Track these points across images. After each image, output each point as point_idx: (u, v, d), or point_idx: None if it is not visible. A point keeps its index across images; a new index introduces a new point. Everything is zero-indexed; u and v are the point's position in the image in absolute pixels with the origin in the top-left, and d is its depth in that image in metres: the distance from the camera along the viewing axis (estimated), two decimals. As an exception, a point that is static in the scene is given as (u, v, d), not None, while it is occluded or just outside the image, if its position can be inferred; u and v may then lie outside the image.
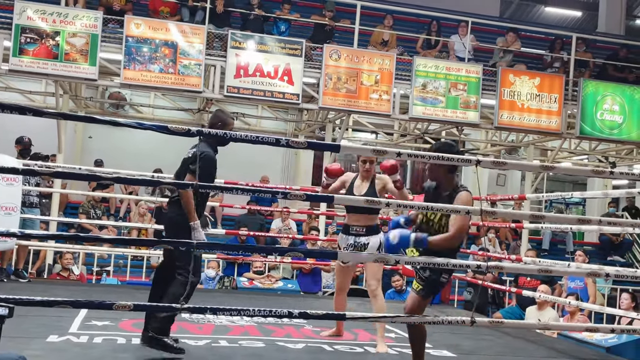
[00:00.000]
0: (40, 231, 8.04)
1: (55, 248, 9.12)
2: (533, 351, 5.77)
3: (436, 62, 10.82)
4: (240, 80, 9.96)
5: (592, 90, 11.20)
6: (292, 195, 3.84)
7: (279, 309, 3.71)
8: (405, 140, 13.43)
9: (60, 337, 4.72)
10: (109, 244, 8.69)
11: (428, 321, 3.99)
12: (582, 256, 9.03)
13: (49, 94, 11.63)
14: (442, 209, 3.82)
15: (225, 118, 4.69)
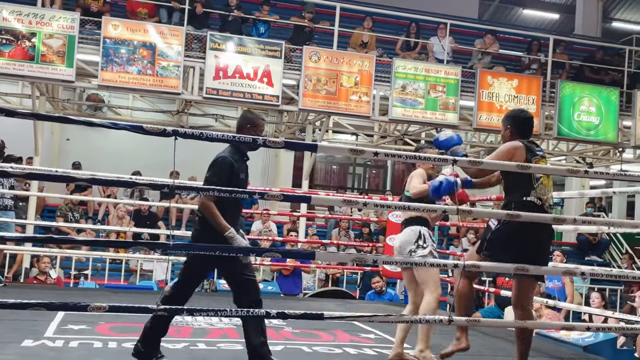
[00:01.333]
0: (16, 234, 7.93)
1: (32, 251, 9.00)
2: (512, 350, 5.79)
3: (415, 64, 10.87)
4: (219, 82, 9.92)
5: (569, 91, 11.32)
6: (270, 195, 3.83)
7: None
8: (385, 141, 13.47)
9: (35, 341, 4.65)
10: (86, 247, 8.61)
11: (406, 320, 3.99)
12: (560, 256, 9.11)
13: (25, 96, 11.50)
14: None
15: (253, 119, 4.33)
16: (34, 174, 5.47)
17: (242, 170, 4.21)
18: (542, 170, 4.18)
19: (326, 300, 8.10)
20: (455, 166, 3.99)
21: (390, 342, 5.48)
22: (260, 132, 4.30)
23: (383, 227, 10.95)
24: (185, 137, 3.57)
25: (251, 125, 4.27)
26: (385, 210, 9.35)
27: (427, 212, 4.51)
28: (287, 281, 9.10)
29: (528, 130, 4.46)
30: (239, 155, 4.20)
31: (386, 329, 5.92)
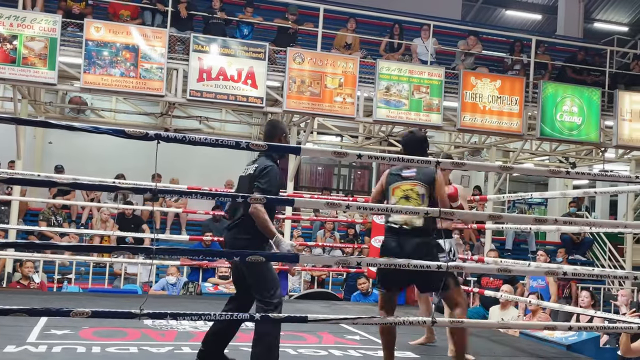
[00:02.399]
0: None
1: (14, 256, 8.91)
2: (496, 350, 5.84)
3: (399, 65, 10.90)
4: (203, 84, 9.89)
5: (551, 92, 11.40)
6: (253, 199, 3.82)
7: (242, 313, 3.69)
8: (370, 142, 13.51)
9: (18, 347, 4.62)
10: (67, 251, 8.54)
11: (390, 322, 4.00)
12: (544, 256, 9.18)
13: (6, 99, 11.40)
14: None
15: (285, 128, 4.57)
16: (15, 179, 5.42)
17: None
18: (526, 171, 4.21)
19: (312, 302, 8.09)
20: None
21: (375, 344, 5.50)
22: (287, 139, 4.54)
23: (368, 228, 10.98)
24: (168, 140, 3.56)
25: (285, 135, 4.47)
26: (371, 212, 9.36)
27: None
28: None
29: (412, 150, 4.43)
30: (274, 162, 4.36)
31: (371, 331, 5.93)
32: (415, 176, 4.36)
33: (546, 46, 13.34)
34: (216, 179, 11.78)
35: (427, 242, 4.30)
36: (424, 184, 4.32)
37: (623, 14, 22.60)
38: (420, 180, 4.33)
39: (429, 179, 4.32)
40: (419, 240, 4.27)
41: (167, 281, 8.80)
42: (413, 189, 4.34)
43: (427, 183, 4.32)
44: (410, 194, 4.34)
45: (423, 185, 4.32)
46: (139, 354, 4.62)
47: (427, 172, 4.34)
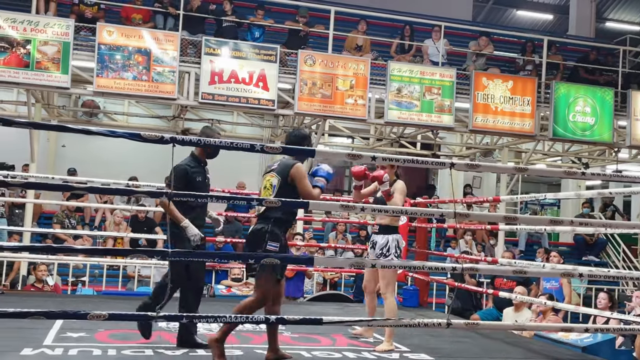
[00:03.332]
0: (13, 243, 7.91)
1: (29, 259, 8.97)
2: (510, 352, 5.81)
3: (410, 67, 10.89)
4: (215, 87, 9.92)
5: (564, 92, 11.35)
6: (267, 201, 3.84)
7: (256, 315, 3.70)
8: (381, 144, 13.49)
9: (35, 350, 4.64)
10: (82, 254, 8.60)
11: (404, 324, 4.00)
12: (557, 257, 9.13)
13: (20, 103, 11.48)
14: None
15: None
16: (33, 183, 5.46)
17: (199, 174, 5.07)
18: (540, 172, 4.20)
19: (325, 304, 8.09)
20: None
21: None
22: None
23: (380, 229, 10.95)
24: (183, 143, 3.59)
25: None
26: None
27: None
28: (289, 284, 9.06)
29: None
30: (195, 162, 5.10)
31: (384, 333, 5.92)
32: (275, 168, 4.66)
33: (558, 46, 13.28)
34: (228, 180, 11.80)
35: (259, 230, 4.49)
36: (278, 176, 4.59)
37: (635, 13, 22.45)
38: (276, 173, 4.62)
39: (284, 172, 4.59)
40: (254, 227, 4.57)
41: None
42: (270, 180, 4.64)
43: (281, 176, 4.57)
44: (267, 184, 4.64)
45: (277, 177, 4.59)
46: (155, 357, 4.63)
47: (285, 166, 4.61)
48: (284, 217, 4.59)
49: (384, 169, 5.48)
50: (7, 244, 6.48)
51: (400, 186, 5.52)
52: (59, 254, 8.47)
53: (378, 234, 5.55)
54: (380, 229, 5.53)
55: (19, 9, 10.05)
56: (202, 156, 5.16)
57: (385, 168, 5.50)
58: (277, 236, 4.50)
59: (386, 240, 5.45)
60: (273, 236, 4.48)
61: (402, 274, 8.47)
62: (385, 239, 5.45)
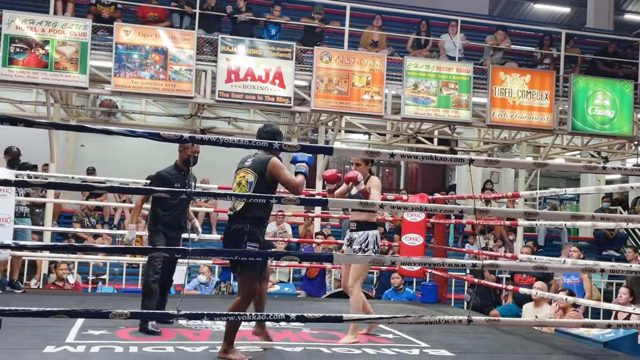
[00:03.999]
0: (34, 242, 8.00)
1: (49, 258, 9.07)
2: (530, 348, 5.78)
3: (427, 62, 10.84)
4: (231, 85, 9.95)
5: (582, 85, 11.24)
6: (287, 199, 3.84)
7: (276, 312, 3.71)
8: (398, 140, 13.45)
9: (57, 347, 4.68)
10: (104, 252, 8.66)
11: (425, 321, 3.99)
12: (577, 252, 9.04)
13: (39, 103, 11.59)
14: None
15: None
16: (53, 183, 5.52)
17: (178, 180, 5.45)
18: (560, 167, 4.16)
19: (343, 301, 8.08)
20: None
21: (409, 342, 5.49)
22: (190, 151, 5.31)
23: (398, 226, 10.94)
24: (202, 142, 3.60)
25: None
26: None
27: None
28: (313, 284, 9.08)
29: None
30: (176, 170, 5.55)
31: (404, 329, 5.92)
32: (250, 165, 4.61)
33: (576, 39, 13.15)
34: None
35: (239, 229, 4.45)
36: (254, 172, 4.56)
37: (654, 5, 22.19)
38: (252, 169, 4.58)
39: (261, 167, 4.55)
40: (233, 227, 4.51)
41: (199, 281, 8.88)
42: (244, 177, 4.59)
43: (257, 172, 4.54)
44: (242, 180, 4.60)
45: (253, 174, 4.55)
46: (176, 354, 4.66)
47: (260, 162, 4.57)
48: (262, 215, 4.57)
49: (358, 166, 5.49)
50: (30, 243, 6.55)
51: (375, 182, 5.48)
52: (80, 253, 8.55)
53: (356, 230, 5.49)
54: (359, 226, 5.48)
55: (37, 10, 10.14)
56: (182, 164, 5.54)
57: (360, 165, 5.50)
58: (256, 236, 4.49)
59: (366, 235, 5.42)
60: (252, 236, 4.47)
61: (420, 270, 8.45)
62: (365, 235, 5.43)
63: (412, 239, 8.22)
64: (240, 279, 4.53)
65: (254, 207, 4.44)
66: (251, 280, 4.52)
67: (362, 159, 5.48)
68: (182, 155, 5.52)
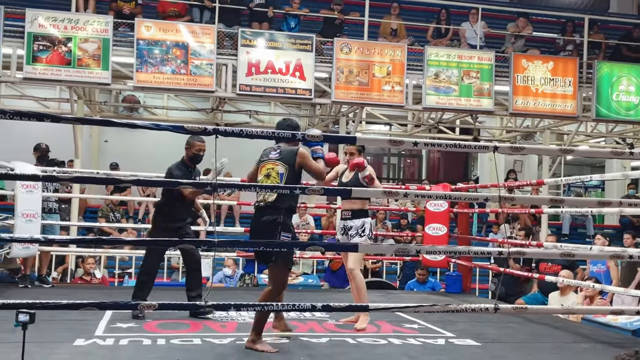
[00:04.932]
0: (63, 236, 8.10)
1: (77, 252, 9.19)
2: (558, 337, 5.74)
3: (448, 51, 10.77)
4: (252, 78, 9.97)
5: (606, 71, 11.09)
6: (310, 190, 3.85)
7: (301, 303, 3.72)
8: (419, 130, 13.39)
9: (87, 340, 4.75)
10: (129, 246, 8.76)
11: (451, 309, 3.98)
12: (601, 239, 8.94)
13: (63, 100, 11.72)
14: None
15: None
16: (79, 177, 5.58)
17: (186, 176, 5.68)
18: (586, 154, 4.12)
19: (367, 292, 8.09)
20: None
21: (434, 332, 5.48)
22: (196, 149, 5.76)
23: (421, 216, 10.91)
24: (226, 135, 3.62)
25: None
26: (423, 199, 9.32)
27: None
28: (336, 275, 9.09)
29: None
30: (183, 166, 5.81)
31: (429, 319, 5.91)
32: (278, 157, 4.66)
33: (599, 25, 12.96)
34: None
35: (273, 220, 4.49)
36: (284, 164, 4.61)
37: (679, -12, 21.75)
38: (281, 161, 4.63)
39: (290, 159, 4.62)
40: (265, 218, 4.53)
41: (224, 274, 8.94)
42: (274, 168, 4.63)
43: (288, 163, 4.60)
44: (272, 172, 4.63)
45: (283, 165, 4.61)
46: (203, 345, 4.70)
47: (289, 153, 4.64)
48: (294, 205, 4.66)
49: (352, 156, 5.60)
50: (58, 237, 6.65)
51: (372, 170, 5.63)
52: (105, 247, 8.64)
53: (351, 218, 5.61)
54: (354, 214, 5.60)
55: (59, 7, 10.24)
56: (188, 161, 5.86)
57: (354, 154, 5.61)
58: (288, 227, 4.58)
59: (362, 222, 5.56)
60: (285, 227, 4.54)
61: (444, 260, 8.43)
62: (362, 221, 5.57)
63: (435, 229, 8.19)
64: (273, 269, 4.57)
65: (287, 198, 4.53)
66: (284, 270, 4.61)
67: (356, 148, 5.64)
68: (188, 152, 5.82)
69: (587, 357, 4.99)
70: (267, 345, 4.54)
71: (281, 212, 4.53)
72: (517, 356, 4.88)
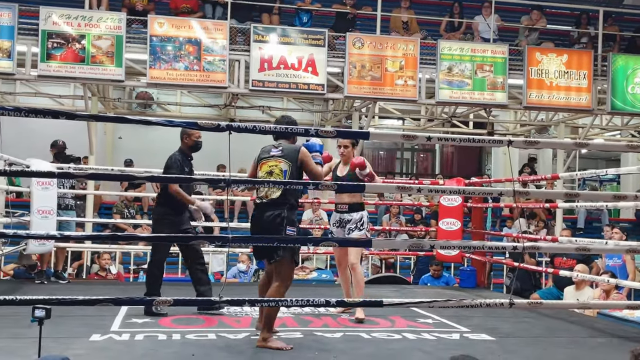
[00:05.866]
0: (79, 232, 8.16)
1: (92, 248, 9.27)
2: (573, 331, 5.71)
3: (461, 45, 10.71)
4: (264, 74, 9.97)
5: (621, 64, 10.99)
6: (324, 185, 3.85)
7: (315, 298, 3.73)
8: (432, 125, 13.34)
9: (103, 335, 4.79)
10: (144, 242, 8.81)
11: (466, 304, 3.97)
12: (619, 233, 8.87)
13: (77, 97, 11.79)
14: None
15: (186, 130, 5.58)
16: (94, 174, 5.63)
17: (186, 166, 5.84)
18: (602, 147, 4.09)
19: (381, 287, 8.10)
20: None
21: (448, 327, 5.47)
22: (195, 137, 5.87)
23: (434, 211, 10.89)
24: (239, 130, 3.62)
25: (186, 135, 5.72)
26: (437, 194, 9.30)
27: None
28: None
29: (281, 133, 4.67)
30: (183, 155, 5.88)
31: (444, 314, 5.90)
32: (281, 154, 4.69)
33: (614, 17, 12.84)
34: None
35: (277, 215, 4.50)
36: (287, 161, 4.64)
37: (696, -22, 21.49)
38: (284, 158, 4.67)
39: (293, 156, 4.66)
40: (269, 214, 4.54)
41: (238, 269, 8.97)
42: (277, 165, 4.66)
43: (291, 160, 4.63)
44: (275, 169, 4.67)
45: (286, 162, 4.64)
46: (218, 340, 4.72)
47: (292, 151, 4.68)
48: (296, 201, 4.71)
49: (346, 148, 5.68)
50: (74, 233, 6.71)
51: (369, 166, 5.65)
52: (120, 243, 8.70)
53: (349, 212, 5.65)
54: (351, 207, 5.65)
55: (73, 5, 10.29)
56: (188, 150, 5.94)
57: (348, 147, 5.69)
58: (293, 221, 4.60)
59: (361, 215, 5.65)
60: (290, 221, 4.56)
61: (458, 255, 8.40)
62: (360, 215, 5.65)
63: (449, 224, 8.17)
64: (280, 264, 4.56)
65: (291, 194, 4.55)
66: (291, 265, 4.62)
67: (350, 141, 5.71)
68: (187, 142, 5.90)
69: (603, 351, 4.96)
70: (280, 342, 4.53)
71: (285, 207, 4.55)
72: (532, 351, 4.86)
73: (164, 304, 3.41)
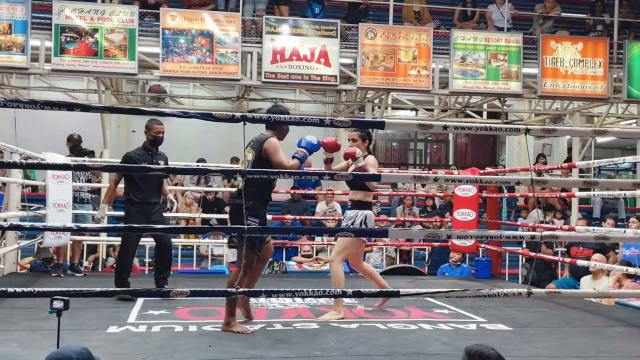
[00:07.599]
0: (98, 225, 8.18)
1: (108, 241, 9.31)
2: (591, 321, 5.66)
3: (474, 34, 10.64)
4: (277, 66, 9.96)
5: (637, 52, 10.87)
6: (339, 176, 3.83)
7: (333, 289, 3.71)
8: (446, 115, 13.27)
9: (120, 327, 4.80)
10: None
11: (484, 294, 3.95)
12: (636, 223, 8.79)
13: (91, 91, 11.84)
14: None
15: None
16: (110, 166, 5.66)
17: (145, 160, 5.90)
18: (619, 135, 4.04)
19: (396, 278, 8.07)
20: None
21: (465, 317, 5.44)
22: (154, 132, 6.07)
23: (448, 201, 10.84)
24: (254, 121, 3.62)
25: (147, 129, 5.93)
26: (451, 185, 9.26)
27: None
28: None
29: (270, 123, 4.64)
30: (143, 150, 6.05)
31: (460, 304, 5.87)
32: (251, 144, 4.74)
33: (630, 3, 12.69)
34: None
35: (239, 205, 4.50)
36: (253, 150, 4.69)
37: None
38: (252, 148, 4.71)
39: (258, 147, 4.67)
40: (234, 202, 4.69)
41: (252, 261, 8.98)
42: (246, 156, 4.72)
43: (255, 150, 4.66)
44: (245, 160, 4.73)
45: (252, 153, 4.70)
46: (234, 332, 4.73)
47: (258, 141, 4.70)
48: (260, 191, 4.67)
49: (354, 142, 5.35)
50: (90, 226, 6.74)
51: (372, 161, 5.32)
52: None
53: (351, 209, 5.45)
54: (353, 204, 5.42)
55: (86, -1, 10.33)
56: (149, 145, 6.06)
57: (356, 141, 5.33)
58: (256, 212, 4.61)
59: (355, 213, 5.34)
60: (252, 211, 4.57)
61: (474, 245, 8.36)
62: (355, 213, 5.35)
63: (464, 214, 8.13)
64: (240, 252, 4.66)
65: (253, 184, 4.58)
66: (249, 252, 4.64)
67: (359, 134, 5.32)
68: (147, 136, 6.07)
69: (621, 340, 4.91)
70: (243, 327, 4.64)
71: (249, 197, 4.54)
72: (549, 340, 4.82)
73: (181, 295, 3.41)
